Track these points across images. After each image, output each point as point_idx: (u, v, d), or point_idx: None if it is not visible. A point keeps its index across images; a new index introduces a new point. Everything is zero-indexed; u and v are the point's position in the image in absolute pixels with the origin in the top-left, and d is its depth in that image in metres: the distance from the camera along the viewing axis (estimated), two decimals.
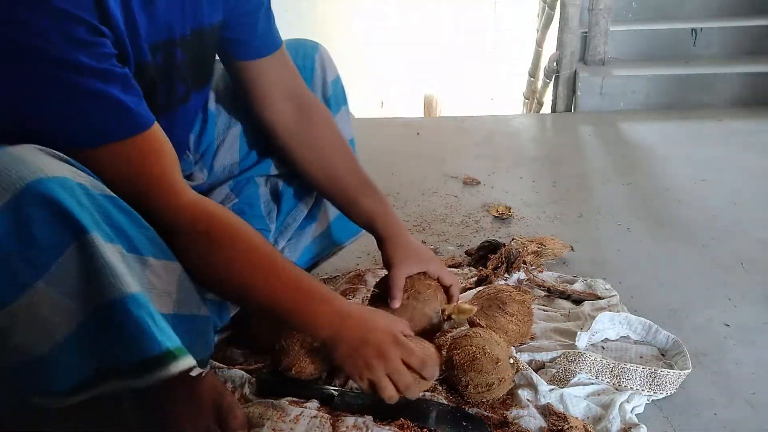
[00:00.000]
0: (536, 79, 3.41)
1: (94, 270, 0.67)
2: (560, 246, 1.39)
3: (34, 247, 0.66)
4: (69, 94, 0.70)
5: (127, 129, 0.75)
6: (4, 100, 0.70)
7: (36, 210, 0.65)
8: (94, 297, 0.69)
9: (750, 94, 2.61)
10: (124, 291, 0.68)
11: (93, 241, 0.67)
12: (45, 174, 0.65)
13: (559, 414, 0.91)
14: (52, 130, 0.72)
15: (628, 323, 1.11)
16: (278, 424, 0.87)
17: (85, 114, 0.72)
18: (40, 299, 0.67)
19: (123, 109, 0.74)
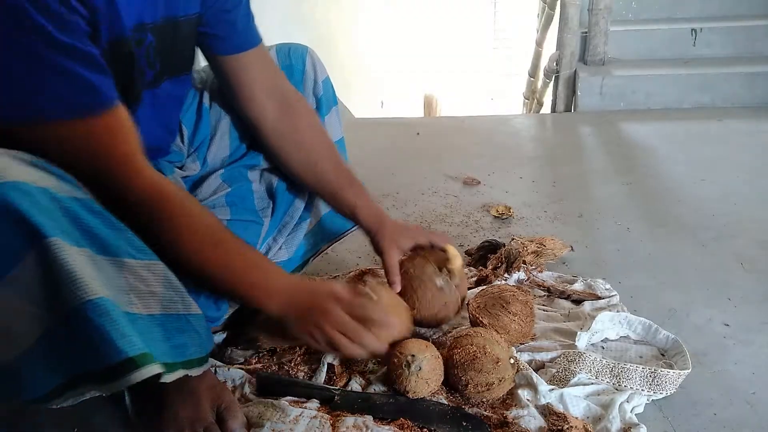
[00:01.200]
0: (536, 79, 3.41)
1: (55, 276, 0.66)
2: (560, 246, 1.39)
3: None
4: (36, 65, 0.70)
5: (88, 106, 0.75)
6: None
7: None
8: (58, 304, 0.68)
9: (750, 94, 2.61)
10: (83, 297, 0.67)
11: (52, 246, 0.65)
12: (2, 179, 0.64)
13: (559, 414, 0.91)
14: (14, 100, 0.71)
15: (628, 323, 1.11)
16: (278, 424, 0.87)
17: (50, 86, 0.72)
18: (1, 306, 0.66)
19: (88, 86, 0.74)
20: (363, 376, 1.00)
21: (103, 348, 0.68)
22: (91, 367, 0.70)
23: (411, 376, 0.92)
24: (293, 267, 1.19)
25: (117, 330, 0.68)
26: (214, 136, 1.11)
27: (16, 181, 0.65)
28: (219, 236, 0.85)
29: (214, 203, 1.10)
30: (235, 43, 1.01)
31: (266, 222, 1.14)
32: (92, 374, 0.70)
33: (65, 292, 0.67)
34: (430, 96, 6.77)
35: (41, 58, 0.70)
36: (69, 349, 0.70)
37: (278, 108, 1.07)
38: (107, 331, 0.68)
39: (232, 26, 1.00)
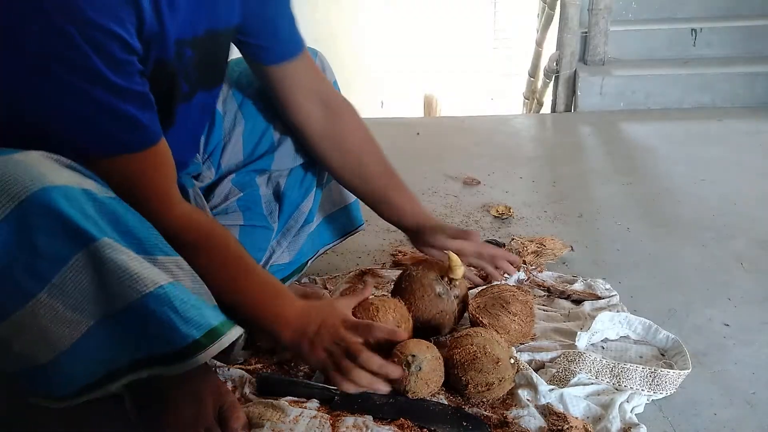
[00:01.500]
0: (536, 79, 3.41)
1: (105, 276, 0.68)
2: (560, 246, 1.39)
3: (36, 258, 0.65)
4: (91, 106, 0.71)
5: (136, 143, 0.77)
6: (26, 102, 0.70)
7: (39, 220, 0.65)
8: (107, 303, 0.69)
9: (750, 94, 2.61)
10: (142, 291, 0.69)
11: (103, 247, 0.67)
12: (49, 183, 0.65)
13: (559, 414, 0.91)
14: (67, 137, 0.73)
15: (628, 323, 1.11)
16: (278, 424, 0.87)
17: (102, 126, 0.73)
18: (42, 310, 0.67)
19: (137, 125, 0.76)
20: None
21: (169, 336, 0.71)
22: (154, 353, 0.73)
23: (411, 377, 0.92)
24: (293, 269, 1.19)
25: (180, 315, 0.72)
26: (228, 143, 1.11)
27: (61, 185, 0.66)
28: (247, 267, 0.88)
29: (227, 208, 1.10)
30: (278, 52, 1.02)
31: (275, 227, 1.14)
32: (152, 358, 0.74)
33: (120, 289, 0.68)
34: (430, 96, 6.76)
35: (94, 99, 0.71)
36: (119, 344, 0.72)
37: (323, 113, 1.08)
38: (170, 319, 0.71)
39: (274, 36, 1.00)
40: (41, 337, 0.69)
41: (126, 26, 0.70)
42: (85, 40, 0.67)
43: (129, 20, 0.71)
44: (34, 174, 0.65)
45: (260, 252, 1.11)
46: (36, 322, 0.68)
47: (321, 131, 1.09)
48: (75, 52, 0.67)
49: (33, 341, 0.69)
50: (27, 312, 0.67)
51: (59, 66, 0.67)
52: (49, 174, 0.66)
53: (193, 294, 0.78)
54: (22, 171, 0.65)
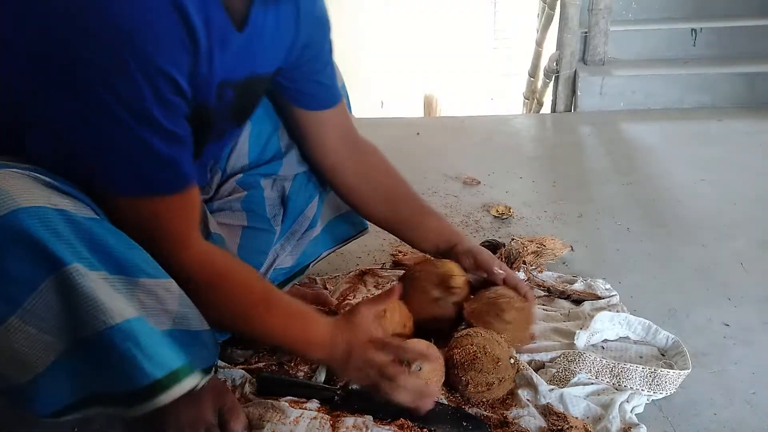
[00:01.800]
0: (536, 79, 3.41)
1: (75, 302, 0.66)
2: (560, 246, 1.39)
3: (7, 283, 0.64)
4: (133, 143, 0.71)
5: (170, 186, 0.77)
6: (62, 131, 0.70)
7: (8, 244, 0.63)
8: (77, 329, 0.68)
9: (750, 94, 2.61)
10: (108, 323, 0.67)
11: (72, 273, 0.65)
12: (19, 204, 0.64)
13: (559, 414, 0.91)
14: (101, 172, 0.72)
15: (628, 323, 1.11)
16: (278, 425, 0.87)
17: (139, 165, 0.73)
18: (14, 334, 0.66)
19: (174, 168, 0.76)
20: None
21: (130, 372, 0.69)
22: (114, 390, 0.71)
23: (411, 377, 0.92)
24: (295, 271, 1.19)
25: (144, 352, 0.70)
26: (234, 146, 1.11)
27: (33, 205, 0.65)
28: (269, 301, 0.87)
29: (231, 205, 1.10)
30: (319, 101, 1.04)
31: (278, 231, 1.14)
32: (112, 397, 0.72)
33: (87, 319, 0.67)
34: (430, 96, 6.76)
35: (138, 136, 0.71)
36: (89, 373, 0.71)
37: (350, 152, 1.11)
38: (133, 355, 0.69)
39: (318, 84, 1.02)
40: (16, 359, 0.68)
41: (181, 69, 0.71)
42: (141, 76, 0.67)
43: (185, 63, 0.72)
44: (5, 196, 0.64)
45: (262, 255, 1.11)
46: (9, 345, 0.67)
47: (349, 169, 1.11)
48: (129, 85, 0.67)
49: (8, 363, 0.68)
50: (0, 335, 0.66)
51: (110, 96, 0.67)
52: (20, 195, 0.64)
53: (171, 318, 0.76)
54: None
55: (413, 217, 1.15)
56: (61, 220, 0.66)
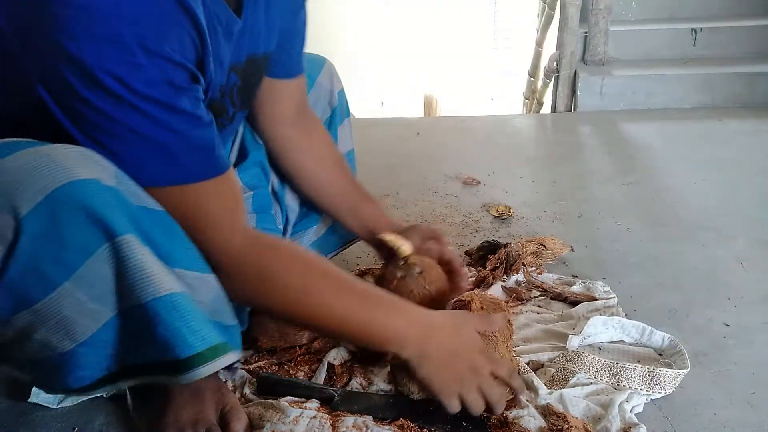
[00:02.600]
0: (536, 79, 3.41)
1: (126, 272, 0.68)
2: (560, 246, 1.39)
3: (63, 249, 0.66)
4: (162, 134, 0.71)
5: (206, 172, 0.76)
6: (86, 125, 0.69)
7: (66, 212, 0.65)
8: (125, 299, 0.70)
9: (750, 94, 2.61)
10: (154, 294, 0.69)
11: (125, 244, 0.67)
12: (77, 176, 0.65)
13: (559, 414, 0.91)
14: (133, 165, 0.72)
15: (622, 327, 1.10)
16: (278, 425, 0.87)
17: (172, 154, 0.73)
18: (65, 299, 0.68)
19: (208, 154, 0.76)
20: (364, 376, 1.00)
21: (173, 343, 0.71)
22: (157, 359, 0.73)
23: None
24: None
25: (188, 325, 0.71)
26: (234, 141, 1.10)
27: (89, 178, 0.66)
28: (341, 280, 0.86)
29: None
30: (287, 68, 1.03)
31: (281, 228, 1.14)
32: (154, 365, 0.74)
33: (136, 288, 0.69)
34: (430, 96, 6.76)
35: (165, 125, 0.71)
36: (133, 342, 0.72)
37: (299, 128, 1.09)
38: (177, 327, 0.71)
39: (289, 54, 1.01)
40: (63, 326, 0.69)
41: (190, 58, 0.72)
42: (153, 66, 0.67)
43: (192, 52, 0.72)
44: (62, 167, 0.65)
45: None
46: (59, 312, 0.68)
47: (294, 144, 1.09)
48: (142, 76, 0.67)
49: (55, 330, 0.70)
50: (51, 301, 0.67)
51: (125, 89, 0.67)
52: (76, 167, 0.66)
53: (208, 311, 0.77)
54: (51, 164, 0.65)
55: (349, 203, 1.14)
56: (113, 195, 0.68)
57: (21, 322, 0.68)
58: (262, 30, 0.89)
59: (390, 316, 0.87)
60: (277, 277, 0.82)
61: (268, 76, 1.01)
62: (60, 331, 0.70)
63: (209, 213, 0.78)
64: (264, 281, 0.82)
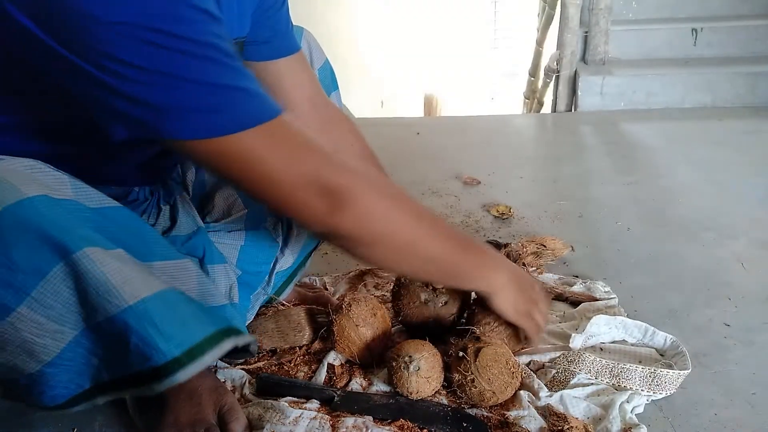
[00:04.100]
0: (536, 79, 3.41)
1: (87, 287, 0.66)
2: (560, 246, 1.39)
3: (15, 272, 0.64)
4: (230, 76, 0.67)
5: (277, 108, 0.72)
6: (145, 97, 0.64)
7: (15, 234, 0.63)
8: (89, 316, 0.68)
9: (750, 94, 2.61)
10: (120, 305, 0.66)
11: (83, 258, 0.65)
12: (24, 195, 0.63)
13: (560, 414, 0.90)
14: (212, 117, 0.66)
15: (624, 327, 1.10)
16: (278, 425, 0.87)
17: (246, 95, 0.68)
18: (23, 323, 0.66)
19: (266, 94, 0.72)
20: (364, 377, 1.00)
21: (146, 352, 0.68)
22: (132, 371, 0.70)
23: (411, 377, 0.92)
24: (296, 265, 1.18)
25: (160, 331, 0.68)
26: None
27: (38, 195, 0.64)
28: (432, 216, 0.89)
29: (230, 227, 1.06)
30: (277, 47, 0.98)
31: (280, 242, 1.10)
32: (129, 378, 0.71)
33: (99, 303, 0.66)
34: (430, 96, 6.77)
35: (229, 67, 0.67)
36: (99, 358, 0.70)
37: (318, 119, 1.03)
38: (149, 334, 0.68)
39: (274, 29, 0.96)
40: (24, 349, 0.68)
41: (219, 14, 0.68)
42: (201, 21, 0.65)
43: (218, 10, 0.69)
44: (7, 186, 0.63)
45: (265, 265, 1.08)
46: (18, 335, 0.67)
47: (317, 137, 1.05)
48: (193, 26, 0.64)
49: (17, 353, 0.68)
50: (7, 325, 0.66)
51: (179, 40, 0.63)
52: (23, 185, 0.64)
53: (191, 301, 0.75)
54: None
55: None
56: (66, 208, 0.66)
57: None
58: (234, 13, 0.87)
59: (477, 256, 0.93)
60: (395, 208, 0.81)
61: (260, 60, 0.97)
62: (22, 353, 0.68)
63: (309, 144, 0.74)
64: (367, 215, 0.78)
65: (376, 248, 0.81)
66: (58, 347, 0.68)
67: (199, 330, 0.72)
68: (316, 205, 0.74)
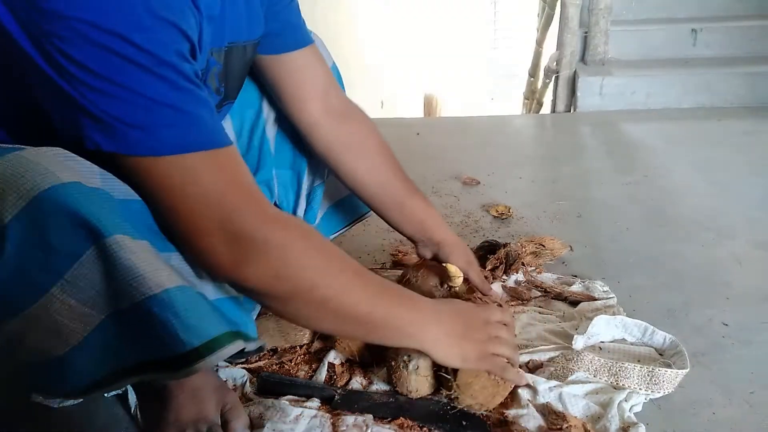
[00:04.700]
0: (536, 79, 3.42)
1: (115, 273, 0.67)
2: (560, 246, 1.40)
3: (49, 254, 0.65)
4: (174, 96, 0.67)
5: (220, 140, 0.72)
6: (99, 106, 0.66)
7: (50, 216, 0.64)
8: (116, 301, 0.69)
9: (750, 94, 2.61)
10: (146, 293, 0.67)
11: (113, 244, 0.66)
12: (59, 180, 0.65)
13: (558, 413, 0.91)
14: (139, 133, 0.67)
15: (624, 326, 1.11)
16: (278, 424, 0.87)
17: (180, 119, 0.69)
18: (54, 305, 0.67)
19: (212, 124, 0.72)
20: (364, 376, 1.01)
21: (167, 341, 0.69)
22: (155, 356, 0.71)
23: (410, 376, 0.92)
24: None
25: (182, 322, 0.68)
26: None
27: (72, 181, 0.65)
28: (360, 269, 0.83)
29: None
30: (288, 39, 0.97)
31: None
32: (156, 363, 0.71)
33: (126, 289, 0.67)
34: (430, 96, 6.77)
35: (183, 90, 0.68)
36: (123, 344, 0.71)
37: (332, 114, 1.03)
38: (171, 324, 0.68)
39: (286, 22, 0.96)
40: (54, 331, 0.69)
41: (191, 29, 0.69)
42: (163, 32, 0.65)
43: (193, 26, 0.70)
44: (44, 171, 0.65)
45: None
46: (49, 317, 0.68)
47: (331, 133, 1.03)
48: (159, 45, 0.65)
49: (46, 336, 0.69)
50: (40, 307, 0.67)
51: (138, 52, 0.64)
52: (59, 171, 0.65)
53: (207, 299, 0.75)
54: (33, 168, 0.64)
55: (398, 197, 1.07)
56: (97, 196, 0.67)
57: (11, 328, 0.68)
58: (243, 17, 0.87)
59: (409, 310, 0.86)
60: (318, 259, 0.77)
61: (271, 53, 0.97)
62: (51, 336, 0.69)
63: (236, 182, 0.73)
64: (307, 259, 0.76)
65: (288, 305, 0.78)
66: (86, 330, 0.69)
67: (215, 326, 0.73)
68: (221, 253, 0.72)
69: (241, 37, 0.88)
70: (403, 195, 1.08)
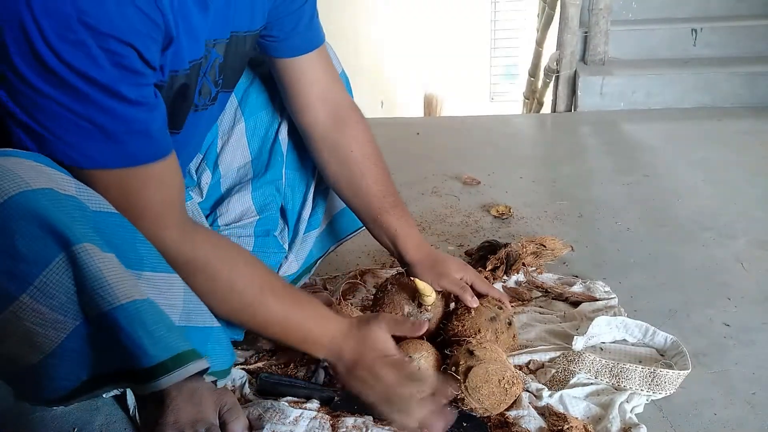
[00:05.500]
0: (536, 79, 3.41)
1: (84, 281, 0.66)
2: (560, 246, 1.39)
3: (18, 261, 0.64)
4: (102, 117, 0.69)
5: (145, 156, 0.74)
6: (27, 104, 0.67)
7: (19, 223, 0.63)
8: (85, 308, 0.68)
9: (750, 94, 2.61)
10: (113, 303, 0.67)
11: (82, 252, 0.65)
12: (29, 186, 0.64)
13: (559, 414, 0.91)
14: (69, 144, 0.70)
15: (625, 327, 1.10)
16: (278, 425, 0.87)
17: (112, 137, 0.70)
18: (25, 312, 0.66)
19: (148, 138, 0.73)
20: None
21: (133, 353, 0.69)
22: (119, 369, 0.71)
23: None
24: (300, 271, 1.18)
25: (150, 334, 0.69)
26: (227, 142, 1.08)
27: (43, 188, 0.65)
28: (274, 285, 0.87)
29: (239, 233, 1.07)
30: (295, 44, 0.98)
31: (286, 247, 1.11)
32: (125, 373, 0.71)
33: (94, 298, 0.67)
34: (430, 96, 6.77)
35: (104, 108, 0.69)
36: (96, 352, 0.70)
37: (330, 117, 1.04)
38: (138, 336, 0.68)
39: (292, 25, 0.96)
40: (26, 339, 0.68)
41: (143, 39, 0.69)
42: (101, 51, 0.65)
43: (149, 32, 0.69)
44: (14, 178, 0.64)
45: None
46: (20, 325, 0.67)
47: (325, 135, 1.04)
48: (81, 53, 0.65)
49: (18, 343, 0.68)
50: (10, 315, 0.66)
51: (71, 74, 0.65)
52: (28, 178, 0.64)
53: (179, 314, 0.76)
54: (3, 175, 0.64)
55: (373, 208, 1.07)
56: (70, 204, 0.66)
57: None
58: (246, 7, 0.87)
59: (308, 319, 0.89)
60: (212, 285, 0.82)
61: (274, 57, 0.99)
62: (25, 343, 0.68)
63: (145, 202, 0.76)
64: (198, 288, 0.80)
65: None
66: (59, 338, 0.68)
67: (181, 341, 0.73)
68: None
69: (243, 28, 0.89)
70: (377, 210, 1.07)
